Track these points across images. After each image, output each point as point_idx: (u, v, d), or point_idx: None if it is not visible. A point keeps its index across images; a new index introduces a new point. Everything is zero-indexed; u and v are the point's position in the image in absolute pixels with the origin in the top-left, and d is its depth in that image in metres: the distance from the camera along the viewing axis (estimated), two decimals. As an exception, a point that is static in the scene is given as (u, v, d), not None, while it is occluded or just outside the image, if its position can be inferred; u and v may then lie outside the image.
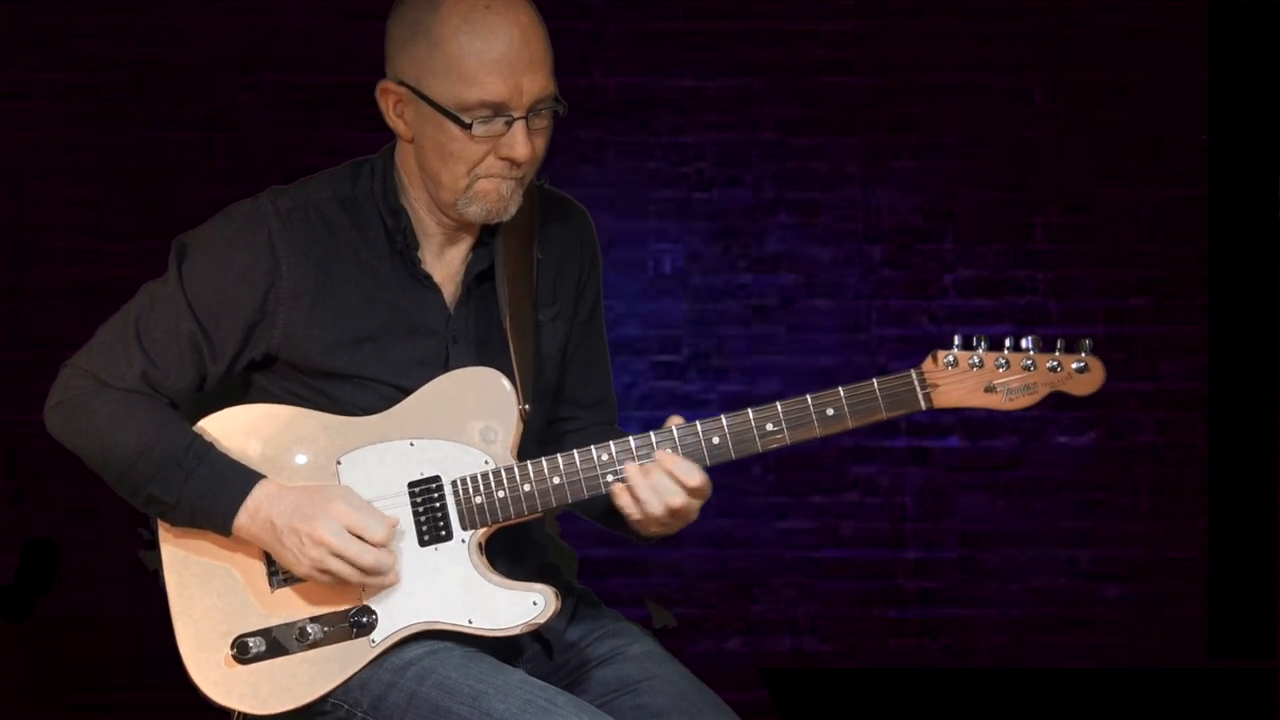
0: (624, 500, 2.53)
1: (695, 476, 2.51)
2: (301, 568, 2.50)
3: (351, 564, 2.48)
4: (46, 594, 4.93)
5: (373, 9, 4.87)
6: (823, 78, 5.08)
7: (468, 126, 2.48)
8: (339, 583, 2.50)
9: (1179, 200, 5.07)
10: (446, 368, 2.59)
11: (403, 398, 2.56)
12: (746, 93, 5.07)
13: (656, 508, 2.52)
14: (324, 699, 2.52)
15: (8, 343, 4.97)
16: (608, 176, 5.07)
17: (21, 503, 4.97)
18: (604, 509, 2.63)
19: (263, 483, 2.51)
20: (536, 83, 2.49)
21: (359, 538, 2.48)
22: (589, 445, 2.54)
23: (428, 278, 2.61)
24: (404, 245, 2.59)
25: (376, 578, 2.50)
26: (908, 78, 5.07)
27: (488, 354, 2.61)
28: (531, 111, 2.50)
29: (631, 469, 2.52)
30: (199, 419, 2.57)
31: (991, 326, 5.08)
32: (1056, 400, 2.57)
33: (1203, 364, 5.08)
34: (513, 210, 2.56)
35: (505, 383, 2.56)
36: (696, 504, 2.53)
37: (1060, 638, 5.13)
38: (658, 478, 2.51)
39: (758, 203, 5.10)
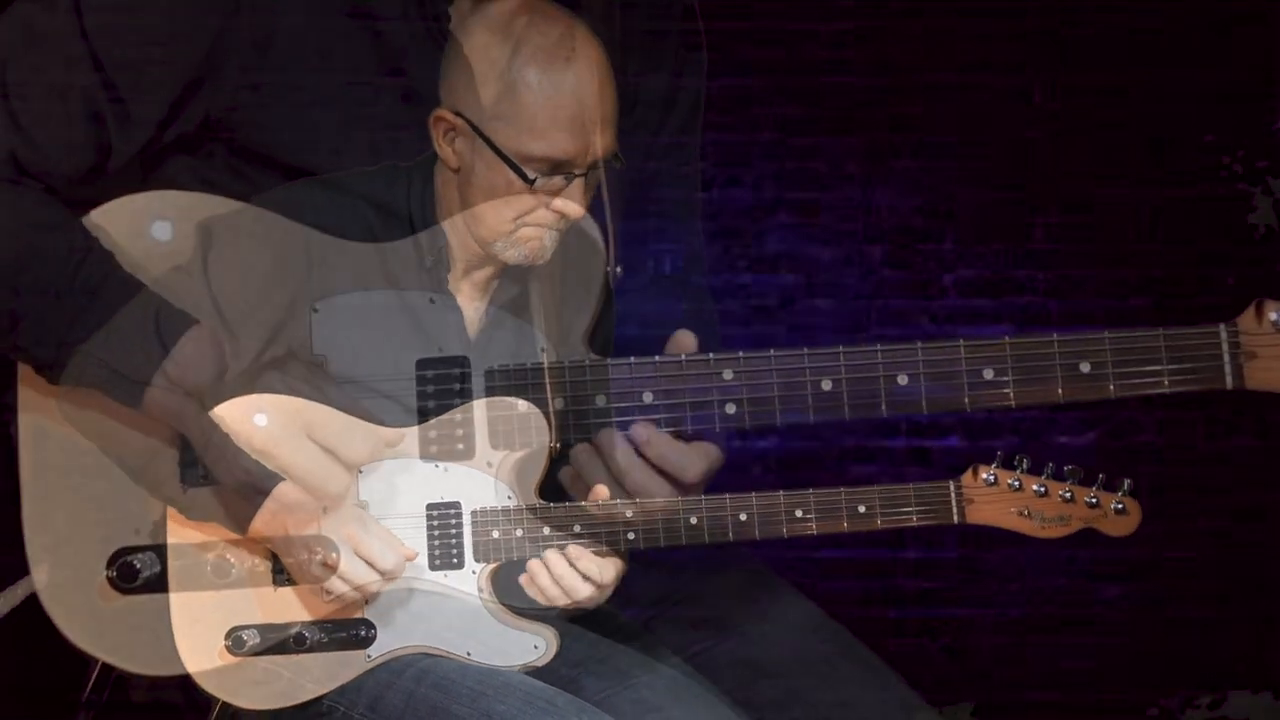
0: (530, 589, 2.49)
1: (609, 571, 2.51)
2: (304, 581, 2.49)
3: (356, 588, 2.46)
4: (46, 594, 4.92)
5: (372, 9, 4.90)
6: (823, 78, 5.06)
7: (531, 181, 2.41)
8: (338, 601, 2.49)
9: (1179, 200, 5.06)
10: (462, 392, 2.55)
11: (413, 416, 2.52)
12: (746, 93, 5.06)
13: (561, 600, 2.50)
14: (316, 701, 2.52)
15: (8, 343, 4.95)
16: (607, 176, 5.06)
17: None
18: None
19: (282, 485, 2.46)
20: (605, 140, 2.43)
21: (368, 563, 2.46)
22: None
23: (451, 299, 2.56)
24: (434, 263, 2.54)
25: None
26: (908, 78, 5.06)
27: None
28: (592, 167, 2.45)
29: (535, 565, 2.48)
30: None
31: (991, 326, 5.08)
32: (1088, 535, 2.55)
33: (1203, 364, 5.06)
34: (549, 256, 2.51)
35: (540, 420, 2.53)
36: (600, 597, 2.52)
37: (1060, 638, 5.11)
38: (563, 571, 2.48)
39: (758, 203, 5.09)
